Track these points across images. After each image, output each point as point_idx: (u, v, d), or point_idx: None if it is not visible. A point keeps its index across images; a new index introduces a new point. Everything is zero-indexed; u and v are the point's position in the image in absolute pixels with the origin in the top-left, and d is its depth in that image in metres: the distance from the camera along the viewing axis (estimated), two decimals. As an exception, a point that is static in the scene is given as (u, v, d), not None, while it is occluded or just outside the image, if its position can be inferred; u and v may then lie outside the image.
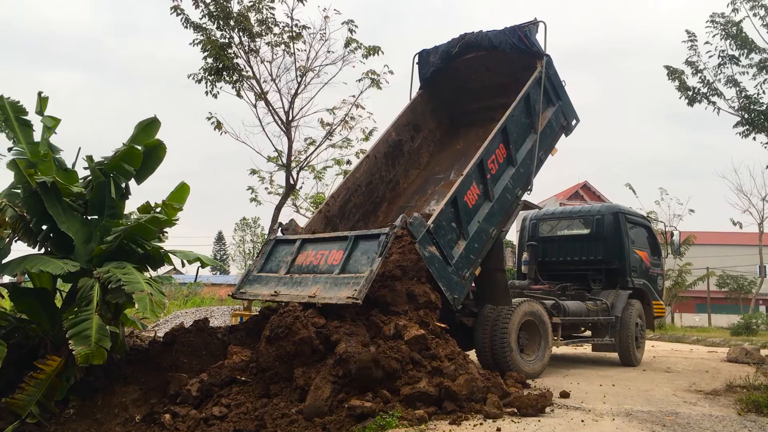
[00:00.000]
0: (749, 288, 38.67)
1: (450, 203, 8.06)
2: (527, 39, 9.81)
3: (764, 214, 32.27)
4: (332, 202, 9.72)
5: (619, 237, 11.69)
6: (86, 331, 6.17)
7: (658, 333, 20.60)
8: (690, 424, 5.96)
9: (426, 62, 11.02)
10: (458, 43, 10.60)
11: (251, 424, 5.72)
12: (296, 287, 7.59)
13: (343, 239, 7.71)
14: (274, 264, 8.39)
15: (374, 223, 10.09)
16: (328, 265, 7.54)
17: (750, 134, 12.62)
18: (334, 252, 7.60)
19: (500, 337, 8.57)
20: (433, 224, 7.68)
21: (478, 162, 8.51)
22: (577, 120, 10.80)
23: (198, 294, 25.04)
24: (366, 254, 7.22)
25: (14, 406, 6.23)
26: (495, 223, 8.83)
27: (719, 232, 44.51)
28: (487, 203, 8.73)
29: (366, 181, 10.24)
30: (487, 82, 11.01)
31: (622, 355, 11.18)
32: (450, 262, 7.89)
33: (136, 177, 7.90)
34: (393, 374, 5.99)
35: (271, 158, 16.46)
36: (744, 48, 12.34)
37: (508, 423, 5.58)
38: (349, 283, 6.94)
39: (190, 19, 13.77)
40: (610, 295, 11.34)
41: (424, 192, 10.66)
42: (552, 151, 10.37)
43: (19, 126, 7.62)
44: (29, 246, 7.41)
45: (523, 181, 9.48)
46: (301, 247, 8.13)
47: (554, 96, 10.23)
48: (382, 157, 10.51)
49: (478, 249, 8.47)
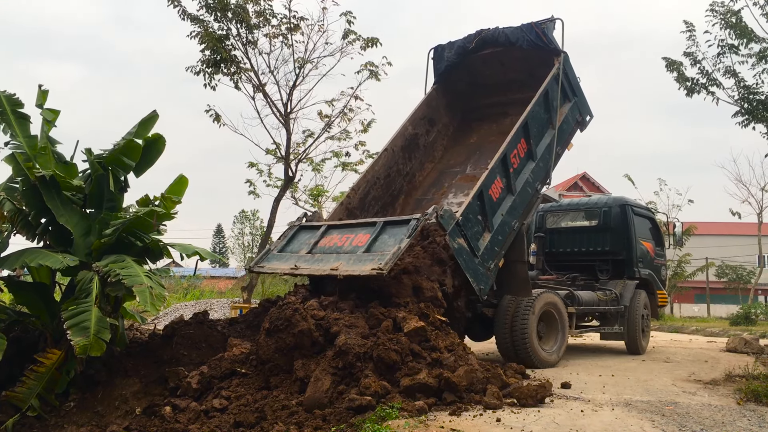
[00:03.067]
0: (748, 278, 38.75)
1: (476, 196, 8.24)
2: (545, 36, 9.99)
3: (763, 203, 32.30)
4: (353, 195, 9.93)
5: (626, 228, 11.93)
6: (85, 322, 6.17)
7: (658, 323, 20.64)
8: (689, 414, 5.97)
9: (441, 57, 11.21)
10: (475, 38, 10.80)
11: (251, 416, 5.72)
12: (317, 263, 7.75)
13: (371, 225, 7.91)
14: (295, 245, 8.58)
15: (392, 215, 10.25)
16: (352, 246, 7.71)
17: (749, 124, 12.63)
18: (360, 235, 7.78)
19: (521, 328, 8.73)
20: (462, 217, 7.86)
21: (502, 156, 8.71)
22: (591, 116, 11.05)
23: (198, 287, 25.08)
24: (393, 237, 7.40)
25: (15, 400, 6.24)
26: (517, 216, 9.05)
27: (718, 223, 44.57)
28: (509, 197, 8.95)
29: (384, 174, 10.45)
30: (501, 78, 11.22)
31: (629, 343, 11.41)
32: (477, 254, 8.08)
33: (135, 170, 7.88)
34: (393, 366, 6.00)
35: (270, 151, 16.44)
36: (743, 37, 12.30)
37: (508, 413, 5.59)
38: (373, 259, 7.09)
39: (187, 11, 13.71)
40: (617, 285, 11.58)
41: (440, 185, 10.88)
42: (568, 146, 10.64)
43: (16, 119, 7.58)
44: (28, 239, 7.40)
45: (542, 175, 9.76)
46: (326, 232, 8.33)
47: (570, 92, 10.46)
48: (399, 150, 10.71)
49: (501, 241, 8.68)
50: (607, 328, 11.15)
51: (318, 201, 19.62)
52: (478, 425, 5.16)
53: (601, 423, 5.40)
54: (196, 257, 7.88)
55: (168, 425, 5.81)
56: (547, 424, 5.25)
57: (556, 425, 5.25)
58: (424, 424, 5.05)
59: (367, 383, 5.66)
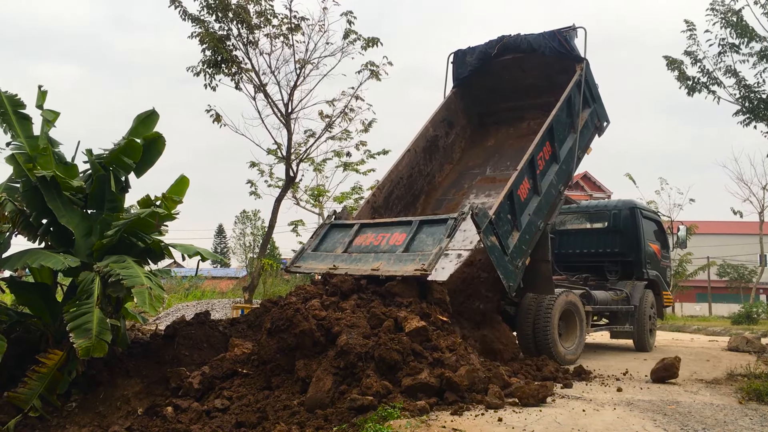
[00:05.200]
0: (750, 277, 38.74)
1: (507, 196, 8.46)
2: (568, 43, 10.30)
3: (765, 202, 32.24)
4: (378, 194, 10.18)
5: (635, 230, 12.21)
6: (87, 324, 6.16)
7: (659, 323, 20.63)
8: (691, 413, 5.96)
9: (462, 62, 11.53)
10: (497, 44, 11.04)
11: (253, 416, 5.72)
12: (355, 263, 7.88)
13: (406, 224, 8.07)
14: (329, 244, 8.73)
15: (413, 214, 10.40)
16: (390, 245, 7.85)
17: (750, 123, 12.63)
18: (396, 234, 7.92)
19: (543, 326, 8.96)
20: (494, 215, 8.03)
21: (530, 158, 8.97)
22: (608, 122, 11.33)
23: (199, 287, 25.07)
24: (432, 236, 7.53)
25: (17, 400, 6.25)
26: (542, 216, 9.33)
27: (720, 222, 44.48)
28: (535, 197, 9.21)
29: (407, 174, 10.72)
30: (519, 83, 11.46)
31: (638, 341, 11.85)
32: (507, 252, 8.30)
33: (135, 170, 7.88)
34: (394, 366, 6.00)
35: (271, 151, 16.43)
36: (744, 36, 12.30)
37: (510, 413, 5.59)
38: (414, 259, 7.23)
39: (187, 11, 13.71)
40: (627, 285, 11.89)
41: (460, 186, 11.15)
42: (588, 150, 10.95)
43: (17, 120, 7.58)
44: (29, 240, 7.40)
45: (565, 177, 10.08)
46: (360, 231, 8.46)
47: (591, 99, 10.72)
48: (421, 151, 10.99)
49: (528, 240, 8.93)
50: (618, 326, 11.52)
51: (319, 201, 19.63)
52: (479, 425, 5.15)
53: (603, 422, 5.39)
54: (198, 258, 7.88)
55: (170, 425, 5.81)
56: (548, 424, 5.25)
57: (558, 425, 5.24)
58: (426, 423, 5.04)
59: (369, 383, 5.66)
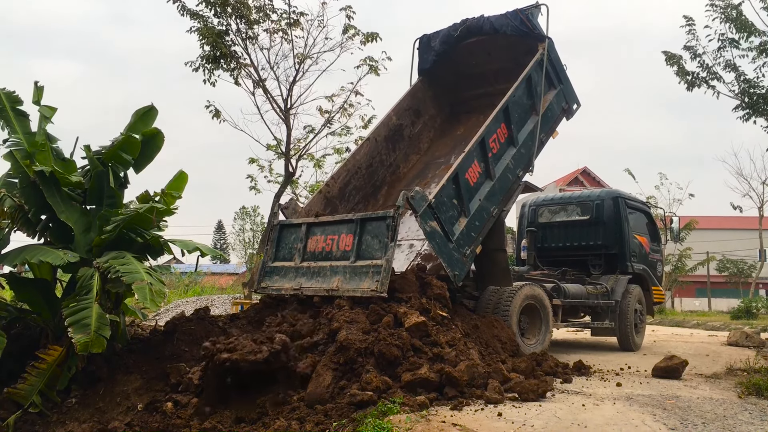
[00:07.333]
0: (749, 272, 38.75)
1: (451, 180, 8.06)
2: (529, 22, 9.79)
3: (764, 197, 32.29)
4: (332, 184, 9.75)
5: (618, 222, 11.69)
6: (86, 319, 6.15)
7: (658, 318, 20.66)
8: (691, 408, 5.97)
9: (427, 48, 10.96)
10: (460, 27, 10.59)
11: (253, 411, 5.72)
12: (316, 278, 7.74)
13: (349, 222, 7.81)
14: (285, 251, 8.50)
15: (374, 206, 10.12)
16: (341, 251, 7.67)
17: (750, 118, 12.61)
18: (343, 236, 7.71)
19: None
20: (435, 199, 7.69)
21: (479, 140, 8.53)
22: (578, 104, 10.83)
23: (198, 283, 25.05)
24: (377, 238, 7.34)
25: (16, 396, 6.24)
26: (496, 203, 8.88)
27: (719, 217, 44.55)
28: (488, 182, 8.76)
29: (366, 164, 10.25)
30: (487, 68, 11.00)
31: (621, 339, 11.19)
32: (451, 239, 7.90)
33: (134, 166, 7.85)
34: (394, 361, 6.00)
35: (270, 146, 16.44)
36: (744, 31, 12.28)
37: (510, 408, 5.60)
38: (368, 273, 7.09)
39: (186, 6, 13.68)
40: (609, 279, 11.34)
41: (424, 177, 10.65)
42: (553, 134, 10.42)
43: (15, 116, 7.55)
44: (28, 236, 7.38)
45: (525, 161, 9.54)
46: (309, 232, 8.22)
47: (556, 79, 10.24)
48: (382, 140, 10.53)
49: (479, 227, 8.50)
50: (597, 323, 10.95)
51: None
52: (479, 420, 5.15)
53: (603, 417, 5.40)
54: (197, 253, 7.87)
55: (169, 421, 5.80)
56: (548, 419, 5.25)
57: (558, 419, 5.25)
58: (426, 418, 5.05)
59: (369, 378, 5.66)
